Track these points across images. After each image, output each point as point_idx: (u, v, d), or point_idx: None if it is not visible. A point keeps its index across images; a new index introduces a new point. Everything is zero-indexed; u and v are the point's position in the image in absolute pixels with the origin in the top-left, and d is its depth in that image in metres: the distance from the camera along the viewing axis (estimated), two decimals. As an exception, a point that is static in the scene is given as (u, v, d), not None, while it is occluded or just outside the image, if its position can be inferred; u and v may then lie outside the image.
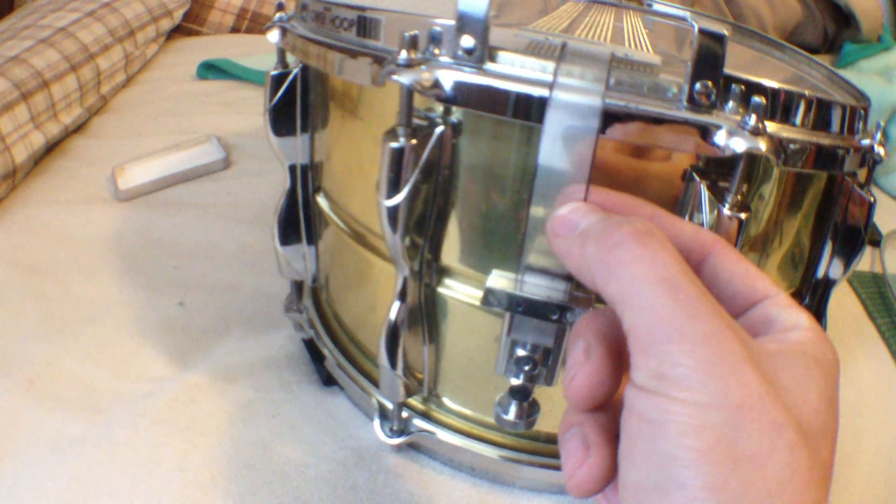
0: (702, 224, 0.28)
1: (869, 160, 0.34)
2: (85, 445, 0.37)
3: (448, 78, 0.26)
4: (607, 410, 0.21)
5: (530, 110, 0.25)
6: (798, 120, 0.30)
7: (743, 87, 0.27)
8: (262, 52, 0.87)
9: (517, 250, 0.26)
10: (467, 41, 0.26)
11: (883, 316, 0.61)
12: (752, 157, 0.26)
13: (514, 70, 0.26)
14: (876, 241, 0.73)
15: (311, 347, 0.43)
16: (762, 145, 0.26)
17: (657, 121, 0.26)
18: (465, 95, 0.26)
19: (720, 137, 0.26)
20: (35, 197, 0.61)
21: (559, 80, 0.25)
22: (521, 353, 0.28)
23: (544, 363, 0.28)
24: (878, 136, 0.35)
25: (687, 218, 0.28)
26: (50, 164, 0.66)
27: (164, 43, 0.93)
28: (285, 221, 0.40)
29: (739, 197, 0.27)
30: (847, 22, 0.90)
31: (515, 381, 0.29)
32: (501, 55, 0.26)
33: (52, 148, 0.68)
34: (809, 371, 0.19)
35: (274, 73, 0.37)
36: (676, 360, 0.17)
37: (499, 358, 0.29)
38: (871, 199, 0.37)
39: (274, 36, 0.36)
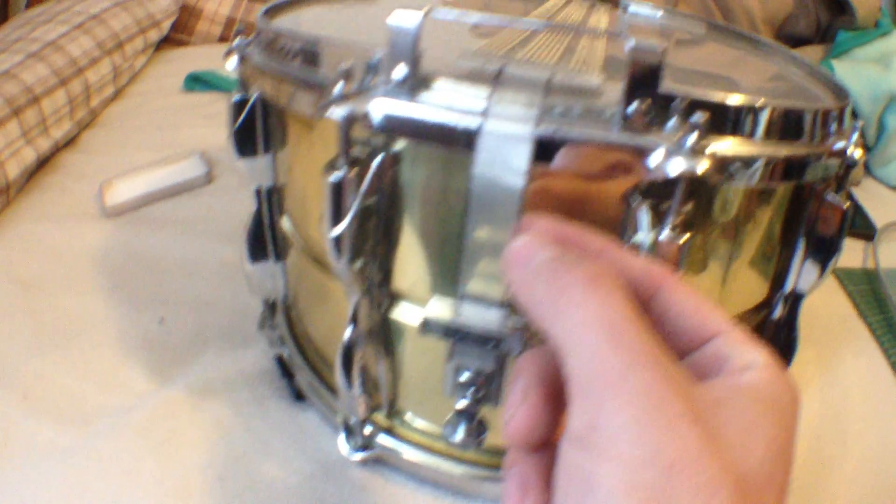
0: (640, 245, 0.27)
1: (842, 165, 0.33)
2: (75, 455, 0.39)
3: (379, 109, 0.26)
4: (549, 451, 0.21)
5: (462, 140, 0.25)
6: (760, 132, 0.29)
7: (686, 103, 0.26)
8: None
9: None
10: (400, 71, 0.26)
11: (875, 313, 0.59)
12: (693, 178, 0.26)
13: (447, 99, 0.26)
14: (869, 236, 0.71)
15: (282, 364, 0.44)
16: (701, 166, 0.26)
17: (591, 145, 0.26)
18: (398, 126, 0.26)
19: (656, 159, 0.26)
20: (27, 213, 0.62)
21: (491, 109, 0.26)
22: (464, 377, 0.28)
23: (489, 385, 0.29)
24: (855, 136, 0.34)
25: (629, 240, 0.28)
26: (41, 180, 0.67)
27: (153, 54, 0.94)
28: (254, 241, 0.41)
29: (681, 218, 0.27)
30: (841, 9, 0.87)
31: (461, 404, 0.29)
32: (437, 83, 0.27)
33: (43, 163, 0.69)
34: (760, 418, 0.18)
35: (235, 98, 0.37)
36: (610, 414, 0.16)
37: (445, 381, 0.29)
38: (846, 205, 0.35)
39: (232, 63, 0.37)
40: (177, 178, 0.61)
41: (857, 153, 0.33)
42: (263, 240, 0.41)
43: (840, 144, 0.33)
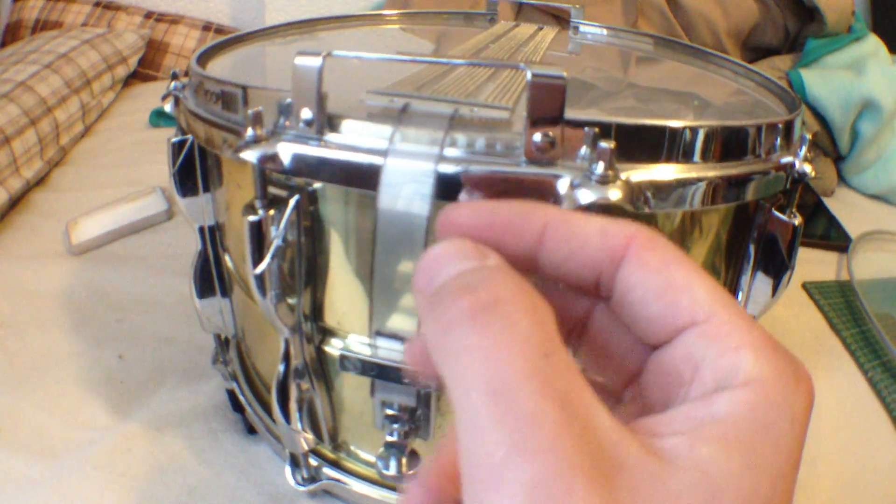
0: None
1: (789, 180, 0.32)
2: (43, 487, 0.40)
3: (287, 152, 0.26)
4: None
5: (367, 179, 0.26)
6: (697, 154, 0.29)
7: (596, 129, 0.26)
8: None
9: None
10: (306, 113, 0.27)
11: (850, 327, 0.58)
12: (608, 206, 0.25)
13: (353, 139, 0.27)
14: (843, 247, 0.70)
15: (234, 398, 0.44)
16: (613, 194, 0.26)
17: (495, 179, 0.26)
18: (306, 167, 0.27)
19: (562, 189, 0.26)
20: (1, 252, 0.63)
21: (393, 147, 0.26)
22: (389, 411, 0.28)
23: (415, 420, 0.29)
24: (803, 150, 0.33)
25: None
26: (13, 219, 0.68)
27: (121, 90, 0.95)
28: (201, 277, 0.41)
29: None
30: (810, 16, 0.87)
31: (391, 437, 0.29)
32: (344, 123, 0.27)
33: (15, 202, 0.70)
34: (732, 480, 0.13)
35: (174, 139, 0.38)
36: None
37: (374, 415, 0.29)
38: (796, 220, 0.34)
39: (169, 106, 0.37)
40: (139, 214, 0.62)
41: (805, 167, 0.32)
42: (210, 276, 0.41)
43: (786, 159, 0.32)
